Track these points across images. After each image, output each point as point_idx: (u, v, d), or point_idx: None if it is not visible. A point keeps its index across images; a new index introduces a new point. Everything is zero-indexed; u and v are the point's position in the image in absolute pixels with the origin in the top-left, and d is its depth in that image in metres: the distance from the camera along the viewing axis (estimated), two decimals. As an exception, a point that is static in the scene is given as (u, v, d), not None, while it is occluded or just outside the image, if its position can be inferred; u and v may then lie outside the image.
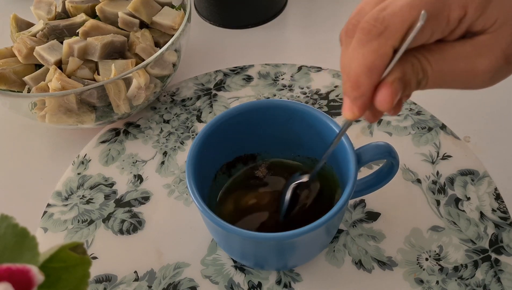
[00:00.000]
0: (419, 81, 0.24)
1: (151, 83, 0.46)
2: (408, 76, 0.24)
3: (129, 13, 0.48)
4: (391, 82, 0.23)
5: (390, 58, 0.23)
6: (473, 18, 0.23)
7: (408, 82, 0.24)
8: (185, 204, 0.42)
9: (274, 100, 0.46)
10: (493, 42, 0.24)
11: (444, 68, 0.24)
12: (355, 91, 0.24)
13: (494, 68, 0.24)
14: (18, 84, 0.46)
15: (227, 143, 0.38)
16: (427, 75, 0.24)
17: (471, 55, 0.24)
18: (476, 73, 0.24)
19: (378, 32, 0.23)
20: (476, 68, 0.24)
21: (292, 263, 0.37)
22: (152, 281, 0.38)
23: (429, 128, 0.46)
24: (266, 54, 0.56)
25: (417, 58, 0.24)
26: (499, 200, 0.41)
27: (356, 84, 0.24)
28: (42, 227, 0.41)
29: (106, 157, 0.46)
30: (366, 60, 0.23)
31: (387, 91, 0.23)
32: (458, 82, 0.25)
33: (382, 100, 0.24)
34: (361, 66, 0.23)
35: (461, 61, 0.24)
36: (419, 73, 0.24)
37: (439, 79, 0.24)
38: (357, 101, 0.25)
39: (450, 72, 0.24)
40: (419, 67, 0.24)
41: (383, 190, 0.37)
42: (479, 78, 0.24)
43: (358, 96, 0.24)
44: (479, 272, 0.37)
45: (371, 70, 0.23)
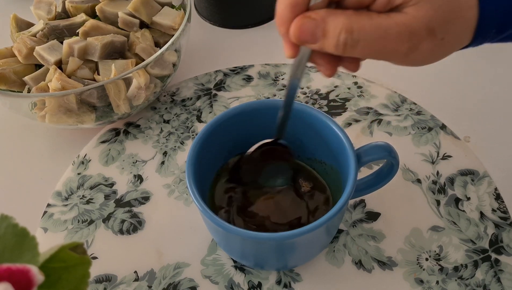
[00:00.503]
0: (344, 41, 0.25)
1: (151, 83, 0.46)
2: (328, 27, 0.25)
3: (129, 13, 0.48)
4: (302, 16, 0.25)
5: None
6: None
7: (327, 31, 0.25)
8: (185, 204, 0.42)
9: (274, 100, 0.46)
10: (415, 12, 0.25)
11: (374, 32, 0.25)
12: (281, 27, 0.26)
13: (419, 37, 0.25)
14: (18, 84, 0.46)
15: (227, 143, 0.38)
16: (355, 36, 0.25)
17: (400, 23, 0.25)
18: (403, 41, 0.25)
19: None
20: (401, 36, 0.25)
21: (292, 263, 0.37)
22: (152, 281, 0.38)
23: (429, 128, 0.46)
24: (266, 54, 0.56)
25: (347, 15, 0.25)
26: (499, 200, 0.41)
27: (280, 20, 0.26)
28: (42, 227, 0.41)
29: (106, 157, 0.46)
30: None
31: (295, 22, 0.25)
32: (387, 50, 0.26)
33: (291, 30, 0.26)
34: (284, 1, 0.26)
35: (392, 27, 0.25)
36: (342, 32, 0.25)
37: (368, 42, 0.25)
38: (285, 36, 0.27)
39: (380, 36, 0.25)
40: (344, 24, 0.25)
41: (383, 190, 0.37)
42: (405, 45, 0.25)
43: (284, 32, 0.26)
44: (479, 272, 0.37)
45: (292, 5, 0.25)
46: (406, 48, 0.26)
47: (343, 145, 0.34)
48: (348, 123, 0.47)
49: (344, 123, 0.47)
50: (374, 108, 0.48)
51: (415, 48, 0.26)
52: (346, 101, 0.49)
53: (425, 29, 0.25)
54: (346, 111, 0.48)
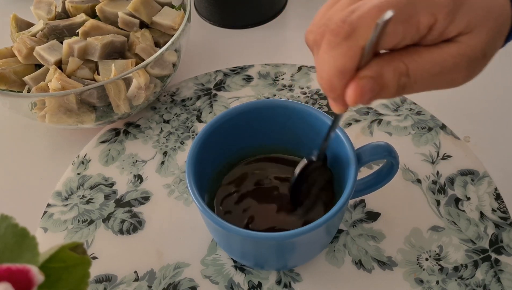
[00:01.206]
0: (403, 85, 0.25)
1: (151, 83, 0.46)
2: (387, 78, 0.24)
3: (129, 13, 0.48)
4: (360, 78, 0.24)
5: (359, 59, 0.24)
6: (444, 26, 0.24)
7: (386, 83, 0.24)
8: (185, 204, 0.42)
9: (274, 100, 0.46)
10: (472, 41, 0.25)
11: (431, 68, 0.25)
12: (331, 93, 0.25)
13: (474, 64, 0.25)
14: (18, 84, 0.46)
15: (227, 143, 0.38)
16: (413, 77, 0.24)
17: (456, 54, 0.25)
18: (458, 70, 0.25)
19: (346, 34, 0.23)
20: (459, 66, 0.25)
21: (292, 263, 0.37)
22: (152, 281, 0.38)
23: (429, 128, 0.46)
24: (266, 54, 0.56)
25: (402, 60, 0.24)
26: (499, 200, 0.41)
27: (330, 87, 0.25)
28: (42, 227, 0.41)
29: (106, 157, 0.46)
30: (337, 62, 0.24)
31: (354, 87, 0.24)
32: (444, 81, 0.25)
33: (349, 95, 0.24)
34: (332, 69, 0.24)
35: (448, 60, 0.25)
36: (401, 77, 0.24)
37: (426, 79, 0.25)
38: (337, 100, 0.26)
39: (438, 71, 0.25)
40: (403, 69, 0.24)
41: (383, 190, 0.37)
42: (461, 74, 0.25)
43: (336, 96, 0.25)
44: (479, 272, 0.37)
45: (342, 73, 0.24)
46: (463, 76, 0.25)
47: (343, 146, 0.34)
48: (348, 123, 0.47)
49: (344, 123, 0.47)
50: (374, 108, 0.48)
51: (472, 75, 0.26)
52: (346, 101, 0.49)
53: (481, 54, 0.25)
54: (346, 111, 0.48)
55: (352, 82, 0.24)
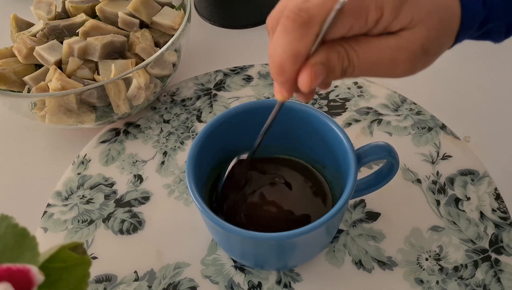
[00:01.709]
0: (345, 69, 0.26)
1: (151, 83, 0.46)
2: (333, 62, 0.25)
3: (129, 13, 0.48)
4: (313, 64, 0.25)
5: (312, 44, 0.25)
6: (389, 20, 0.25)
7: (332, 67, 0.26)
8: (185, 204, 0.42)
9: (274, 100, 0.46)
10: (412, 37, 0.26)
11: (370, 57, 0.26)
12: (281, 76, 0.26)
13: (413, 58, 0.26)
14: (18, 84, 0.46)
15: (227, 143, 0.38)
16: (353, 63, 0.26)
17: (394, 47, 0.26)
18: (398, 63, 0.26)
19: (302, 21, 0.24)
20: (398, 59, 0.26)
21: (292, 263, 0.37)
22: (152, 281, 0.38)
23: (429, 128, 0.46)
24: (266, 54, 0.55)
25: (344, 47, 0.26)
26: (499, 200, 0.41)
27: (281, 70, 0.26)
28: (42, 227, 0.41)
29: (106, 157, 0.46)
30: (291, 47, 0.25)
31: (308, 72, 0.25)
32: (381, 71, 0.27)
33: (303, 81, 0.25)
34: (286, 52, 0.25)
35: (385, 52, 0.26)
36: (344, 61, 0.26)
37: (364, 67, 0.26)
38: (284, 84, 0.26)
39: (375, 61, 0.26)
40: (345, 55, 0.26)
41: (383, 190, 0.37)
42: (400, 67, 0.26)
43: (284, 81, 0.26)
44: (479, 272, 0.37)
45: (296, 57, 0.25)
46: (402, 69, 0.26)
47: (343, 145, 0.34)
48: (348, 123, 0.47)
49: (344, 123, 0.47)
50: (374, 108, 0.48)
51: (410, 69, 0.27)
52: (346, 101, 0.49)
53: (420, 50, 0.26)
54: (346, 111, 0.48)
55: (305, 68, 0.25)
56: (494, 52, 0.53)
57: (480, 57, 0.53)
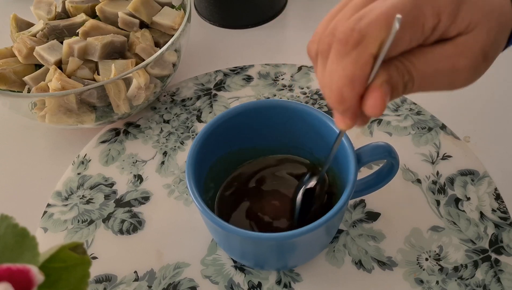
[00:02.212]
0: (406, 84, 0.24)
1: (151, 83, 0.46)
2: (395, 79, 0.24)
3: (129, 13, 0.48)
4: (380, 85, 0.23)
5: (371, 67, 0.23)
6: (446, 25, 0.23)
7: (396, 84, 0.24)
8: (185, 204, 0.42)
9: (274, 100, 0.46)
10: (471, 42, 0.24)
11: (428, 68, 0.24)
12: (342, 105, 0.24)
13: (474, 65, 0.24)
14: (18, 84, 0.46)
15: (227, 143, 0.38)
16: (412, 76, 0.24)
17: (452, 55, 0.24)
18: (458, 71, 0.24)
19: (355, 42, 0.22)
20: (458, 67, 0.24)
21: (292, 263, 0.37)
22: (152, 281, 0.38)
23: (429, 128, 0.46)
24: (266, 54, 0.56)
25: (401, 61, 0.24)
26: (499, 200, 0.41)
27: (341, 98, 0.24)
28: (42, 227, 0.41)
29: (106, 157, 0.46)
30: (347, 71, 0.23)
31: (377, 95, 0.23)
32: (443, 82, 0.25)
33: (372, 105, 0.23)
34: (342, 78, 0.23)
35: (444, 61, 0.24)
36: (404, 75, 0.24)
37: (424, 80, 0.24)
38: (346, 113, 0.25)
39: (434, 72, 0.24)
40: (403, 69, 0.24)
41: (383, 190, 0.37)
42: (462, 75, 0.25)
43: (346, 109, 0.24)
44: (479, 272, 0.37)
45: (353, 82, 0.23)
46: (464, 78, 0.25)
47: (343, 145, 0.34)
48: (348, 123, 0.47)
49: (344, 123, 0.47)
50: (374, 108, 0.48)
51: (473, 76, 0.25)
52: (346, 101, 0.49)
53: (481, 55, 0.24)
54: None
55: (373, 91, 0.23)
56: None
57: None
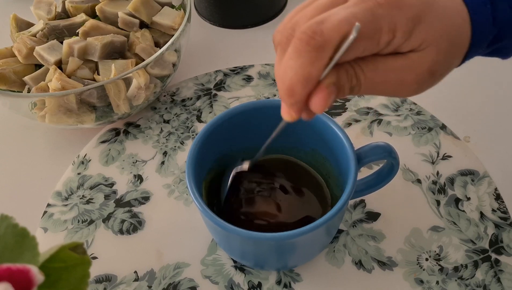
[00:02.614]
0: (352, 87, 0.26)
1: (151, 83, 0.46)
2: (342, 82, 0.25)
3: (129, 13, 0.48)
4: (326, 86, 0.25)
5: (325, 68, 0.24)
6: (400, 42, 0.25)
7: (342, 87, 0.25)
8: (185, 204, 0.42)
9: (274, 100, 0.46)
10: (421, 59, 0.25)
11: (377, 77, 0.26)
12: (291, 98, 0.25)
13: (420, 80, 0.26)
14: (18, 84, 0.46)
15: (227, 143, 0.38)
16: (360, 82, 0.26)
17: (402, 69, 0.25)
18: (404, 84, 0.26)
19: (317, 45, 0.23)
20: (405, 80, 0.26)
21: (292, 263, 0.37)
22: (152, 281, 0.38)
23: (429, 128, 0.46)
24: (266, 54, 0.56)
25: (352, 66, 0.25)
26: (499, 200, 0.41)
27: (291, 92, 0.25)
28: (42, 227, 0.41)
29: (106, 157, 0.46)
30: (304, 70, 0.24)
31: (322, 94, 0.25)
32: (388, 91, 0.26)
33: (317, 103, 0.25)
34: (297, 75, 0.24)
35: (392, 72, 0.25)
36: (352, 79, 0.25)
37: (371, 86, 0.26)
38: (293, 106, 0.26)
39: (382, 81, 0.26)
40: (353, 74, 0.25)
41: (383, 190, 0.37)
42: (406, 88, 0.26)
43: (294, 102, 0.25)
44: (479, 272, 0.37)
45: (307, 80, 0.24)
46: (408, 89, 0.26)
47: (343, 145, 0.34)
48: (348, 123, 0.47)
49: (344, 123, 0.47)
50: (374, 108, 0.48)
51: (416, 90, 0.26)
52: (346, 101, 0.49)
53: (427, 72, 0.26)
54: (346, 111, 0.48)
55: (319, 90, 0.25)
56: (494, 52, 0.53)
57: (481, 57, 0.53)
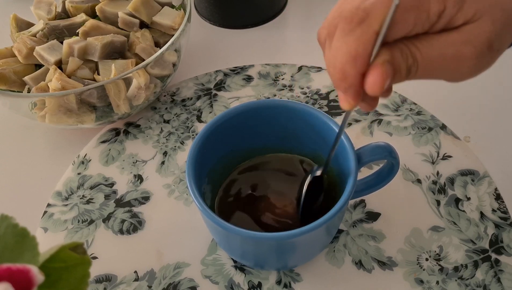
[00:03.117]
0: (409, 67, 0.25)
1: (151, 83, 0.46)
2: (398, 60, 0.24)
3: (129, 13, 0.48)
4: (381, 64, 0.24)
5: (373, 44, 0.23)
6: (452, 13, 0.24)
7: (398, 66, 0.24)
8: (185, 204, 0.42)
9: (274, 100, 0.46)
10: (477, 31, 0.24)
11: (433, 54, 0.24)
12: (344, 82, 0.24)
13: (479, 54, 0.25)
14: (18, 84, 0.46)
15: (227, 143, 0.38)
16: (416, 60, 0.24)
17: (458, 42, 0.24)
18: (463, 59, 0.25)
19: (359, 19, 0.23)
20: (462, 54, 0.24)
21: (292, 263, 0.37)
22: (152, 281, 0.38)
23: (429, 128, 0.46)
24: (266, 54, 0.56)
25: (405, 44, 0.24)
26: (499, 200, 0.41)
27: (343, 75, 0.24)
28: (42, 227, 0.41)
29: (106, 157, 0.46)
30: (350, 48, 0.23)
31: (377, 72, 0.23)
32: (447, 69, 0.25)
33: (372, 82, 0.24)
34: (345, 55, 0.24)
35: (449, 47, 0.24)
36: (408, 58, 0.24)
37: (428, 65, 0.25)
38: (348, 91, 0.25)
39: (439, 58, 0.24)
40: (408, 52, 0.24)
41: (383, 190, 0.37)
42: (466, 64, 0.25)
43: (348, 87, 0.25)
44: (479, 272, 0.37)
45: (355, 58, 0.23)
46: (468, 67, 0.25)
47: (343, 145, 0.34)
48: (348, 123, 0.47)
49: (344, 123, 0.47)
50: (374, 108, 0.48)
51: (476, 67, 0.25)
52: (346, 101, 0.49)
53: (485, 44, 0.24)
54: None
55: (374, 68, 0.24)
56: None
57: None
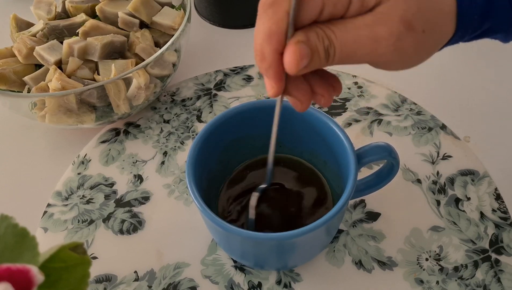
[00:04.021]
0: (327, 49, 0.25)
1: (151, 83, 0.46)
2: (313, 41, 0.24)
3: (129, 13, 0.48)
4: (295, 43, 0.24)
5: (285, 23, 0.24)
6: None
7: (314, 47, 0.25)
8: (185, 204, 0.42)
9: (274, 99, 0.46)
10: (389, 10, 0.24)
11: (348, 36, 0.25)
12: (263, 62, 0.25)
13: (394, 34, 0.24)
14: (18, 84, 0.46)
15: (227, 143, 0.38)
16: (332, 42, 0.25)
17: (371, 24, 0.24)
18: (378, 40, 0.25)
19: (271, 1, 0.25)
20: (377, 35, 0.24)
21: (292, 263, 0.37)
22: (152, 281, 0.38)
23: (429, 128, 0.46)
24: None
25: (320, 28, 0.25)
26: (499, 200, 0.41)
27: (261, 55, 0.25)
28: (42, 227, 0.41)
29: (106, 157, 0.46)
30: (264, 27, 0.25)
31: (291, 49, 0.24)
32: (365, 52, 0.25)
33: (288, 60, 0.24)
34: (261, 34, 0.25)
35: (363, 29, 0.24)
36: (324, 40, 0.25)
37: (346, 48, 0.25)
38: (269, 72, 0.25)
39: (354, 39, 0.25)
40: (323, 34, 0.25)
41: (383, 190, 0.37)
42: (383, 45, 0.25)
43: (268, 67, 0.25)
44: (479, 272, 0.37)
45: (270, 36, 0.24)
46: (385, 47, 0.25)
47: (343, 146, 0.34)
48: (348, 123, 0.47)
49: (344, 123, 0.47)
50: (374, 108, 0.48)
51: (396, 47, 0.25)
52: (346, 101, 0.49)
53: (401, 24, 0.24)
54: (346, 111, 0.48)
55: (288, 47, 0.24)
56: (494, 52, 0.53)
57: (481, 57, 0.53)
